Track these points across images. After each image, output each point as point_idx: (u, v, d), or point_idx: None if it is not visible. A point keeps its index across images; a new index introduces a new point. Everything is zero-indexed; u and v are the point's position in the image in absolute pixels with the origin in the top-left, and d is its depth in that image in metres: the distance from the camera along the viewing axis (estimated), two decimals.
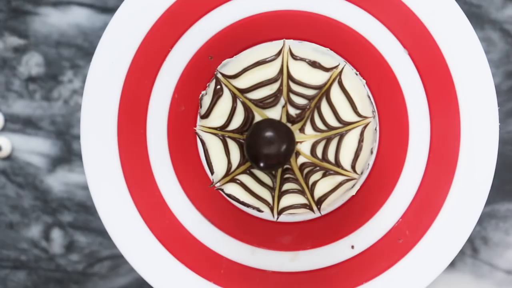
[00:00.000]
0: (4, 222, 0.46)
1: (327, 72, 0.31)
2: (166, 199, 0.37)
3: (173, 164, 0.37)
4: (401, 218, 0.36)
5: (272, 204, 0.32)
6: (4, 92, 0.46)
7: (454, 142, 0.36)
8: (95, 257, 0.46)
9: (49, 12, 0.46)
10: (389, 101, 0.36)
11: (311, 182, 0.31)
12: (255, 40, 0.36)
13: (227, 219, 0.37)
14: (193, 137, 0.37)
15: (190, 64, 0.37)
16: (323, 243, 0.37)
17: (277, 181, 0.31)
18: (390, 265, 0.36)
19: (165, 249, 0.37)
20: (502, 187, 0.44)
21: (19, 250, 0.46)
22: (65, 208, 0.46)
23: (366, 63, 0.36)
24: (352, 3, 0.36)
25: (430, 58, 0.36)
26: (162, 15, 0.36)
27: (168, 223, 0.37)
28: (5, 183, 0.46)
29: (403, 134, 0.36)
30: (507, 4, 0.44)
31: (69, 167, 0.46)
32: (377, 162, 0.37)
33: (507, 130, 0.44)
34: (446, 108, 0.36)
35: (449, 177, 0.36)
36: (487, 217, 0.44)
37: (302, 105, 0.31)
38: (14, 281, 0.46)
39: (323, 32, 0.36)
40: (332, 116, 0.31)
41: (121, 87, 0.37)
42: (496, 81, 0.43)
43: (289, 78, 0.31)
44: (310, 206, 0.31)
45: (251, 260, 0.37)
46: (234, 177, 0.32)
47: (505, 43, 0.44)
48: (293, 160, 0.31)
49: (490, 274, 0.45)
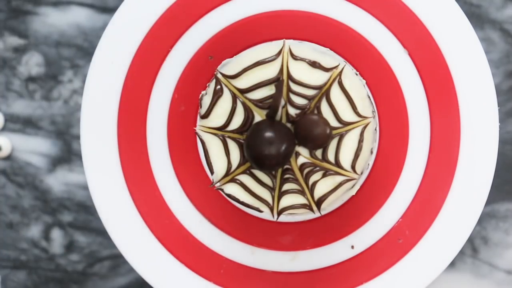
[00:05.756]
0: (4, 222, 0.46)
1: (327, 72, 0.31)
2: (166, 199, 0.37)
3: (173, 164, 0.37)
4: (401, 218, 0.36)
5: (272, 204, 0.32)
6: (4, 92, 0.46)
7: (454, 142, 0.36)
8: (95, 257, 0.46)
9: (49, 12, 0.46)
10: (389, 101, 0.36)
11: (311, 182, 0.31)
12: (255, 40, 0.36)
13: (227, 219, 0.37)
14: (193, 137, 0.37)
15: (190, 64, 0.37)
16: (323, 243, 0.37)
17: (277, 181, 0.31)
18: (390, 265, 0.36)
19: (165, 249, 0.37)
20: (502, 187, 0.44)
21: (19, 250, 0.46)
22: (65, 208, 0.46)
23: (366, 63, 0.36)
24: (352, 3, 0.36)
25: (430, 58, 0.36)
26: (162, 15, 0.36)
27: (168, 223, 0.37)
28: (5, 183, 0.46)
29: (403, 134, 0.36)
30: (507, 4, 0.44)
31: (69, 167, 0.46)
32: (377, 162, 0.37)
33: (507, 130, 0.44)
34: (446, 108, 0.36)
35: (449, 177, 0.36)
36: (487, 217, 0.44)
37: (302, 105, 0.31)
38: (14, 281, 0.46)
39: (323, 32, 0.36)
40: (332, 116, 0.31)
41: (121, 87, 0.37)
42: (496, 81, 0.43)
43: (289, 78, 0.31)
44: (310, 206, 0.31)
45: (251, 260, 0.37)
46: (234, 177, 0.32)
47: (505, 43, 0.44)
48: (293, 160, 0.31)
49: (490, 274, 0.44)
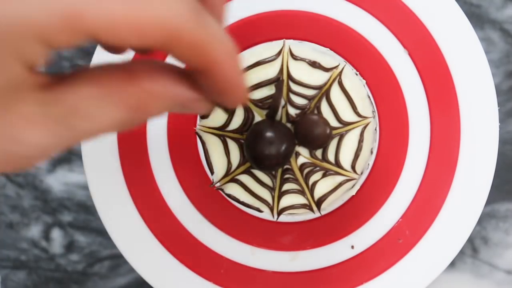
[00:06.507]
0: (4, 222, 0.46)
1: (327, 72, 0.31)
2: (166, 199, 0.37)
3: (173, 164, 0.37)
4: (401, 218, 0.36)
5: (272, 204, 0.32)
6: None
7: (454, 142, 0.36)
8: (95, 257, 0.46)
9: None
10: (389, 101, 0.36)
11: (311, 182, 0.31)
12: (255, 40, 0.36)
13: (227, 219, 0.37)
14: (193, 137, 0.37)
15: None
16: (323, 243, 0.37)
17: (277, 181, 0.31)
18: (390, 265, 0.36)
19: (165, 249, 0.37)
20: (502, 187, 0.44)
21: (19, 250, 0.46)
22: (65, 208, 0.46)
23: (366, 63, 0.36)
24: (352, 3, 0.36)
25: (430, 58, 0.36)
26: None
27: (168, 223, 0.37)
28: (5, 183, 0.46)
29: (403, 134, 0.36)
30: (507, 4, 0.44)
31: (69, 167, 0.46)
32: (377, 162, 0.37)
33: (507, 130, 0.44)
34: (446, 108, 0.36)
35: (449, 177, 0.36)
36: (487, 217, 0.44)
37: (302, 105, 0.31)
38: (14, 281, 0.46)
39: (323, 32, 0.36)
40: (332, 116, 0.31)
41: None
42: (496, 81, 0.43)
43: (289, 78, 0.31)
44: (310, 206, 0.31)
45: (251, 260, 0.37)
46: (234, 177, 0.32)
47: (505, 43, 0.44)
48: (293, 160, 0.31)
49: (490, 274, 0.44)
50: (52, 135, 0.18)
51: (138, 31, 0.17)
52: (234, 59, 0.20)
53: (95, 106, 0.19)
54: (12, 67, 0.17)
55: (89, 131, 0.19)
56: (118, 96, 0.19)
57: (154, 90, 0.20)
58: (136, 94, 0.19)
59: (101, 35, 0.17)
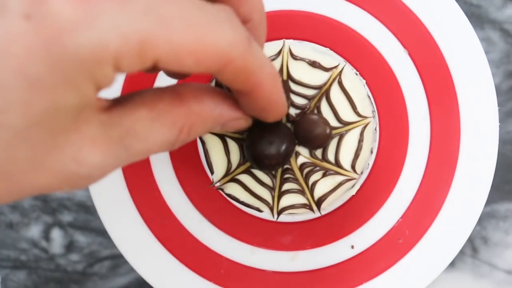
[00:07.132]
0: (4, 222, 0.46)
1: (327, 72, 0.31)
2: (166, 199, 0.37)
3: (173, 164, 0.37)
4: (401, 218, 0.36)
5: (272, 204, 0.32)
6: None
7: (454, 142, 0.36)
8: (95, 257, 0.46)
9: None
10: (389, 101, 0.36)
11: (311, 182, 0.31)
12: None
13: (227, 219, 0.37)
14: None
15: None
16: (323, 243, 0.37)
17: (277, 181, 0.31)
18: (390, 265, 0.36)
19: (165, 249, 0.37)
20: (502, 187, 0.44)
21: (19, 250, 0.46)
22: (65, 208, 0.46)
23: (366, 63, 0.36)
24: (352, 3, 0.36)
25: (430, 58, 0.36)
26: None
27: (168, 223, 0.37)
28: None
29: (403, 134, 0.36)
30: (507, 4, 0.44)
31: None
32: (377, 162, 0.37)
33: (507, 130, 0.44)
34: (446, 108, 0.36)
35: (449, 177, 0.36)
36: (487, 217, 0.44)
37: (302, 105, 0.31)
38: (14, 281, 0.46)
39: (323, 32, 0.36)
40: (332, 116, 0.31)
41: (120, 87, 0.37)
42: (496, 81, 0.43)
43: (289, 78, 0.31)
44: (310, 206, 0.31)
45: (251, 260, 0.37)
46: (234, 177, 0.32)
47: (505, 43, 0.44)
48: (293, 160, 0.31)
49: (490, 274, 0.44)
50: (111, 156, 0.19)
51: (199, 58, 0.18)
52: (277, 80, 0.22)
53: (148, 127, 0.20)
54: (85, 89, 0.17)
55: (142, 151, 0.20)
56: (169, 118, 0.20)
57: (201, 111, 0.21)
58: (185, 116, 0.20)
59: (166, 62, 0.18)
